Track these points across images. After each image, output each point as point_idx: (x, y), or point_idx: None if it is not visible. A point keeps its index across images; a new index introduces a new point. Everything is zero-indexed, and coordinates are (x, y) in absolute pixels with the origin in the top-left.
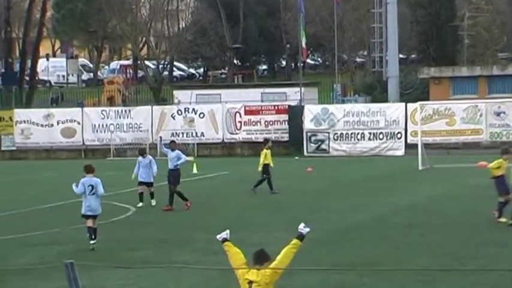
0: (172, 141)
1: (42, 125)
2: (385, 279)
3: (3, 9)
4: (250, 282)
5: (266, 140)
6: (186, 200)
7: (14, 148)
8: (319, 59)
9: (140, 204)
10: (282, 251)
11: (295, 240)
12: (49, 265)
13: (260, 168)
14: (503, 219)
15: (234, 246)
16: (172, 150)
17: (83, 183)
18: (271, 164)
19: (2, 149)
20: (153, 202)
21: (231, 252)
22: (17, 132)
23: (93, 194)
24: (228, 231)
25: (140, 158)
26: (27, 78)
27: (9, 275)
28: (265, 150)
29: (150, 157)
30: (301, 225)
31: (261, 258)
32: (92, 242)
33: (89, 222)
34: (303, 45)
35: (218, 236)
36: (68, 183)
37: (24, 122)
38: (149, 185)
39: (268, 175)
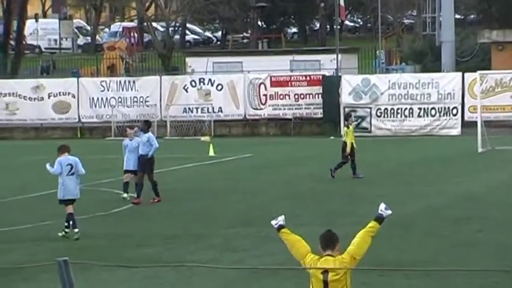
0: (146, 121)
1: (30, 99)
2: (436, 281)
3: None
4: (325, 273)
5: (348, 115)
6: (157, 195)
7: None
8: (359, 20)
9: (125, 195)
10: (359, 234)
11: (373, 223)
12: (39, 264)
13: (349, 149)
14: None
15: (293, 233)
16: (145, 132)
17: (60, 163)
18: (353, 142)
19: None
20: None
21: (290, 241)
22: (1, 107)
23: (72, 174)
24: (283, 216)
25: (127, 140)
26: (12, 43)
27: None
28: (350, 127)
29: (139, 139)
30: (382, 206)
31: (332, 241)
32: (76, 230)
33: (69, 209)
34: (341, 2)
35: (273, 222)
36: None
37: (10, 94)
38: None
39: (353, 156)
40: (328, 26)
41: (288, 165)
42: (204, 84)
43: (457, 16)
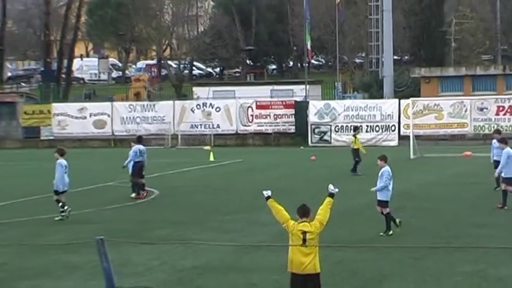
0: (139, 136)
1: (76, 117)
2: (381, 255)
3: (42, 14)
4: (304, 233)
5: (356, 128)
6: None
7: (52, 137)
8: (322, 59)
9: (133, 194)
10: (321, 207)
11: (328, 199)
12: (82, 241)
13: (364, 152)
14: None
15: (278, 203)
16: (140, 143)
17: (61, 164)
18: (362, 150)
19: (42, 138)
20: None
21: (275, 208)
22: (54, 123)
23: (66, 172)
24: (270, 191)
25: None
26: (63, 76)
27: (48, 250)
28: (358, 137)
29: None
30: (331, 186)
31: (307, 212)
32: (68, 208)
33: (64, 197)
34: (308, 47)
35: (264, 192)
36: (99, 169)
37: (61, 114)
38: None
39: (359, 158)
40: (299, 64)
41: (269, 168)
42: (206, 107)
43: (395, 57)
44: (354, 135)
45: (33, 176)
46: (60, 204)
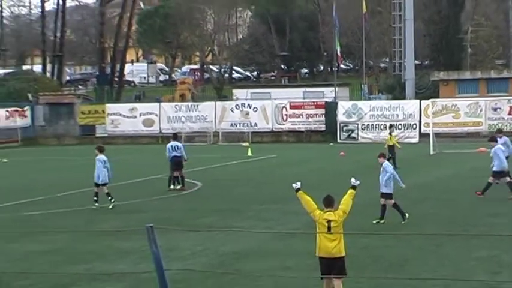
0: (175, 134)
1: (127, 117)
2: (403, 242)
3: (97, 24)
4: (329, 222)
5: (391, 126)
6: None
7: (106, 135)
8: (350, 64)
9: (173, 186)
10: (344, 197)
11: (350, 190)
12: (132, 228)
13: (399, 146)
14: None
15: (306, 194)
16: (176, 140)
17: (99, 160)
18: (397, 145)
19: (97, 135)
20: (171, 187)
21: (304, 199)
22: (108, 122)
23: (106, 167)
24: (300, 182)
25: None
26: (116, 79)
27: (102, 236)
28: (393, 134)
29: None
30: (353, 179)
31: (332, 202)
32: (113, 200)
33: (106, 189)
34: (338, 53)
35: (293, 185)
36: (148, 163)
37: (114, 114)
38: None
39: (393, 154)
40: (328, 68)
41: (301, 163)
42: (244, 107)
43: (416, 62)
44: (390, 133)
45: (89, 169)
46: (95, 195)
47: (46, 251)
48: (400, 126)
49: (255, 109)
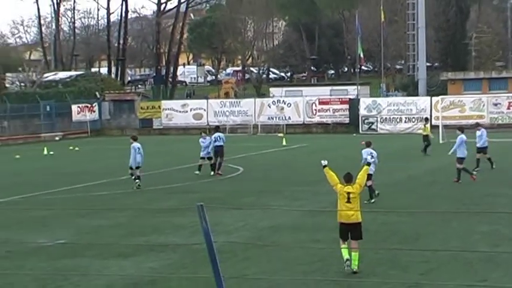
0: (217, 126)
1: (180, 111)
2: (416, 218)
3: (154, 32)
4: (349, 194)
5: (426, 119)
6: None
7: (162, 127)
8: (370, 66)
9: (197, 172)
10: (360, 173)
11: (365, 167)
12: (184, 206)
13: (432, 136)
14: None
15: (331, 170)
16: (218, 131)
17: (134, 147)
18: (431, 135)
19: (154, 127)
20: (212, 173)
21: (329, 174)
22: (163, 116)
23: (139, 153)
24: (326, 161)
25: (201, 139)
26: (170, 79)
27: (159, 213)
28: (426, 126)
29: (208, 138)
30: (368, 157)
31: (351, 178)
32: (138, 184)
33: (138, 171)
34: (361, 56)
35: (322, 162)
36: (198, 151)
37: (168, 109)
38: (210, 159)
39: (428, 142)
40: (352, 69)
41: (329, 150)
42: (280, 103)
43: (427, 64)
44: (424, 125)
45: (147, 156)
46: (133, 177)
47: (111, 226)
48: (413, 119)
49: (289, 105)
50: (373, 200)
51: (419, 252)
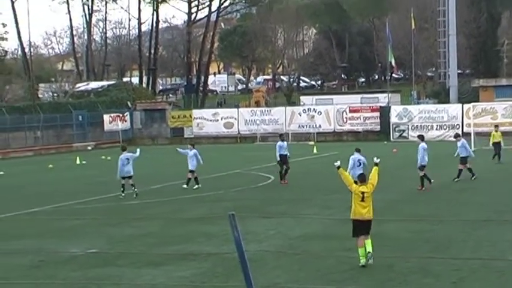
0: (280, 134)
1: (211, 120)
2: (447, 226)
3: (185, 42)
4: (363, 193)
5: (496, 126)
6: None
7: (193, 136)
8: (401, 73)
9: (184, 186)
10: (371, 174)
11: (375, 167)
12: (215, 215)
13: (491, 144)
14: None
15: (345, 172)
16: (283, 141)
17: (122, 159)
18: (502, 142)
19: (185, 136)
20: (195, 186)
21: (344, 175)
22: (194, 125)
23: (129, 163)
24: (339, 161)
25: (187, 150)
26: (201, 88)
27: (190, 222)
28: (493, 133)
29: (195, 150)
30: (375, 159)
31: (365, 178)
32: (123, 194)
33: (128, 181)
34: (393, 64)
35: (335, 163)
36: (229, 160)
37: (199, 118)
38: (193, 172)
39: (498, 150)
40: (382, 77)
41: None
42: (310, 111)
43: (459, 71)
44: (496, 131)
45: (179, 165)
46: (122, 187)
47: (142, 235)
48: (445, 127)
49: (320, 113)
50: None
51: (451, 260)
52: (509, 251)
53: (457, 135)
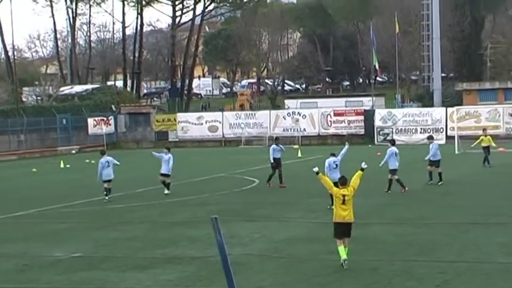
0: (276, 137)
1: (195, 124)
2: (432, 229)
3: (169, 45)
4: (344, 196)
5: (484, 129)
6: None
7: (177, 139)
8: (385, 77)
9: (166, 191)
10: (354, 177)
11: (359, 172)
12: (200, 219)
13: (481, 146)
14: None
15: (325, 176)
16: (277, 145)
17: (102, 162)
18: (492, 145)
19: (169, 140)
20: (166, 191)
21: (323, 180)
22: (179, 128)
23: (109, 166)
24: (317, 168)
25: (162, 155)
26: (185, 92)
27: (174, 225)
28: (482, 137)
29: (170, 155)
30: (363, 164)
31: (346, 181)
32: (107, 197)
33: (108, 185)
34: (377, 67)
35: (314, 169)
36: (213, 164)
37: (184, 121)
38: (166, 176)
39: (487, 153)
40: (367, 81)
41: (344, 161)
42: (295, 115)
43: (442, 74)
44: (485, 135)
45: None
46: (104, 190)
47: (127, 238)
48: (429, 130)
49: (304, 116)
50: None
51: (436, 263)
52: (497, 254)
53: (430, 137)
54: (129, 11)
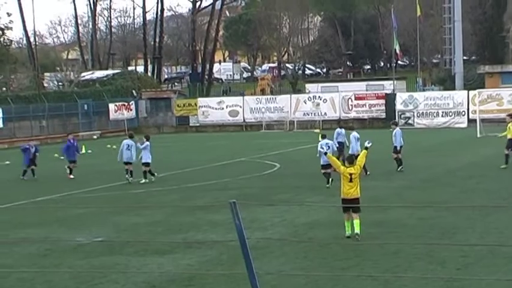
0: (339, 121)
1: (216, 108)
2: (453, 213)
3: (190, 30)
4: (351, 174)
5: (510, 115)
6: None
7: (198, 124)
8: (406, 60)
9: (143, 180)
10: (359, 156)
11: (364, 151)
12: (221, 203)
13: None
14: None
15: (335, 156)
16: (341, 127)
17: (124, 144)
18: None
19: (190, 125)
20: (142, 180)
21: (332, 159)
22: (199, 113)
23: (129, 149)
24: (325, 148)
25: (139, 144)
26: (206, 77)
27: (195, 210)
28: (510, 125)
29: (147, 143)
30: (366, 142)
31: (353, 160)
32: (131, 178)
33: (129, 166)
34: (397, 51)
35: (320, 149)
36: (234, 148)
37: (205, 106)
38: (147, 165)
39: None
40: (388, 64)
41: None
42: (316, 99)
43: (464, 57)
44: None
45: (184, 153)
46: (128, 171)
47: (148, 223)
48: (450, 114)
49: (325, 100)
50: (328, 185)
51: (457, 247)
52: None
53: (394, 123)
54: None
